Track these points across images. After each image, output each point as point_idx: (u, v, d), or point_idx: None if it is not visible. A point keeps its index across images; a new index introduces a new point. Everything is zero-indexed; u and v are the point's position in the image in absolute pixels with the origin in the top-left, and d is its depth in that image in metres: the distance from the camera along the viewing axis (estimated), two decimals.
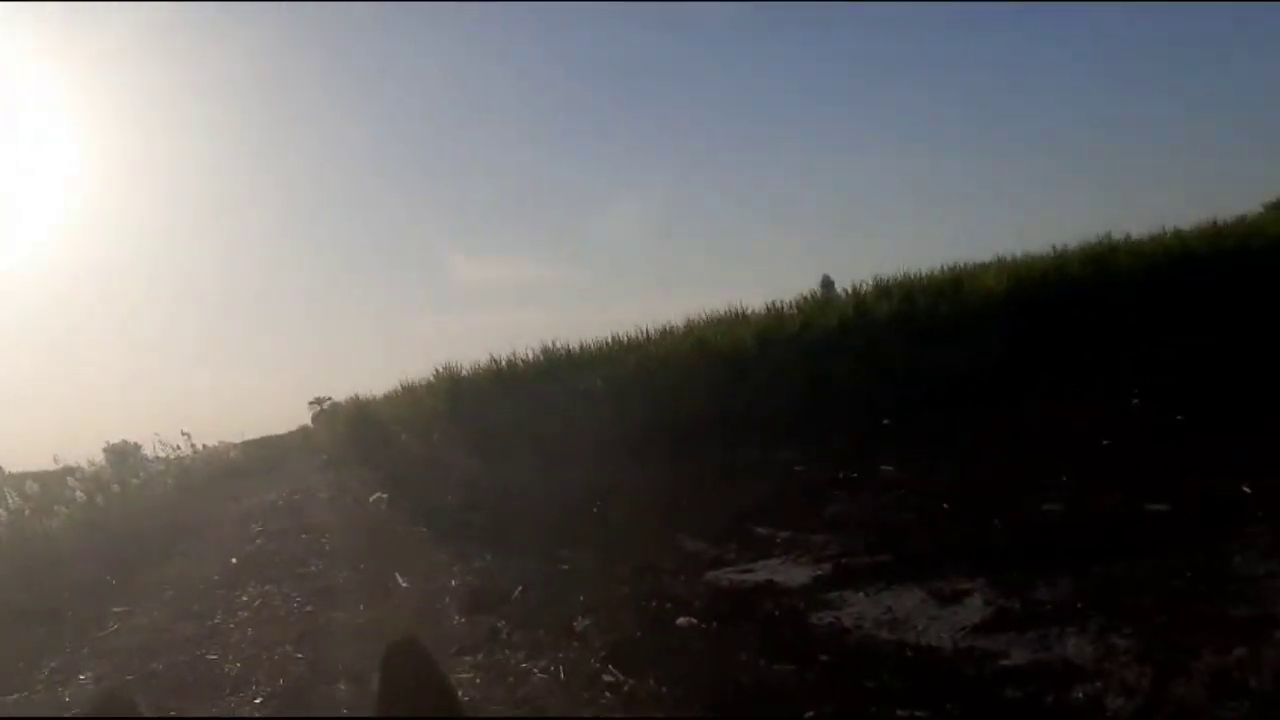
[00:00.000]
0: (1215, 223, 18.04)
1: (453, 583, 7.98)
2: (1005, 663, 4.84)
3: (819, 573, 7.04)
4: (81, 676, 6.83)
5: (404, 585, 8.12)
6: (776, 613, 6.23)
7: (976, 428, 11.90)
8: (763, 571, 7.35)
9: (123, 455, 24.44)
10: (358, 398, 26.33)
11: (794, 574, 7.13)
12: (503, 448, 16.79)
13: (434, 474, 16.02)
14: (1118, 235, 18.00)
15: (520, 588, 7.48)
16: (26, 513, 13.82)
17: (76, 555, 12.01)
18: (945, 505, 8.15)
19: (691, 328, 18.20)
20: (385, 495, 14.21)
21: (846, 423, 13.99)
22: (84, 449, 23.03)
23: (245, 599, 8.66)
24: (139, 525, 14.45)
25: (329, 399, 31.25)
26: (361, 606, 7.62)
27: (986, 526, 7.27)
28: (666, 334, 18.40)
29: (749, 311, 18.68)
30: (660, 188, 64.03)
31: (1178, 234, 17.81)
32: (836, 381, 16.25)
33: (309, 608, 7.94)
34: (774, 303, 18.72)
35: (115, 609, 8.87)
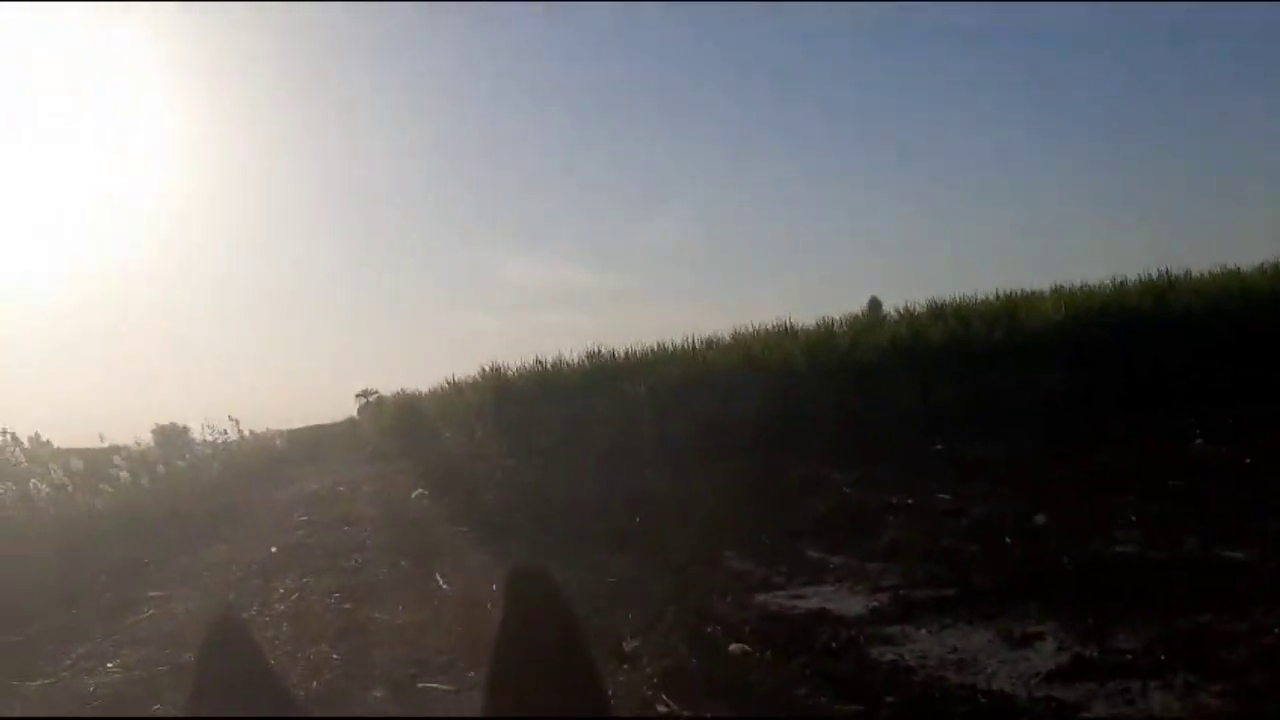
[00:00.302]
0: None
1: (494, 587, 7.65)
2: (1085, 716, 4.44)
3: (876, 603, 6.64)
4: (109, 664, 6.55)
5: (444, 587, 7.80)
6: (834, 645, 5.82)
7: (1035, 460, 11.46)
8: (815, 598, 6.97)
9: (171, 437, 24.42)
10: (404, 392, 26.20)
11: (850, 603, 6.74)
12: (544, 450, 16.52)
13: (476, 472, 15.79)
14: (1177, 271, 17.35)
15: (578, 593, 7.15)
16: (70, 489, 13.64)
17: (117, 536, 11.83)
18: (1008, 539, 7.73)
19: (739, 340, 17.85)
20: (426, 492, 13.94)
21: (897, 445, 13.59)
22: (132, 429, 22.97)
23: (283, 591, 8.38)
24: (182, 508, 14.29)
25: (375, 392, 31.11)
26: (401, 607, 7.30)
27: (1055, 565, 6.85)
28: (713, 345, 18.06)
29: (798, 327, 18.26)
30: (709, 196, 63.54)
31: (1237, 272, 17.17)
32: (886, 402, 15.86)
33: (347, 605, 7.62)
34: (824, 319, 18.30)
35: (151, 594, 8.62)
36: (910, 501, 9.62)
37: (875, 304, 20.97)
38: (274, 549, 10.57)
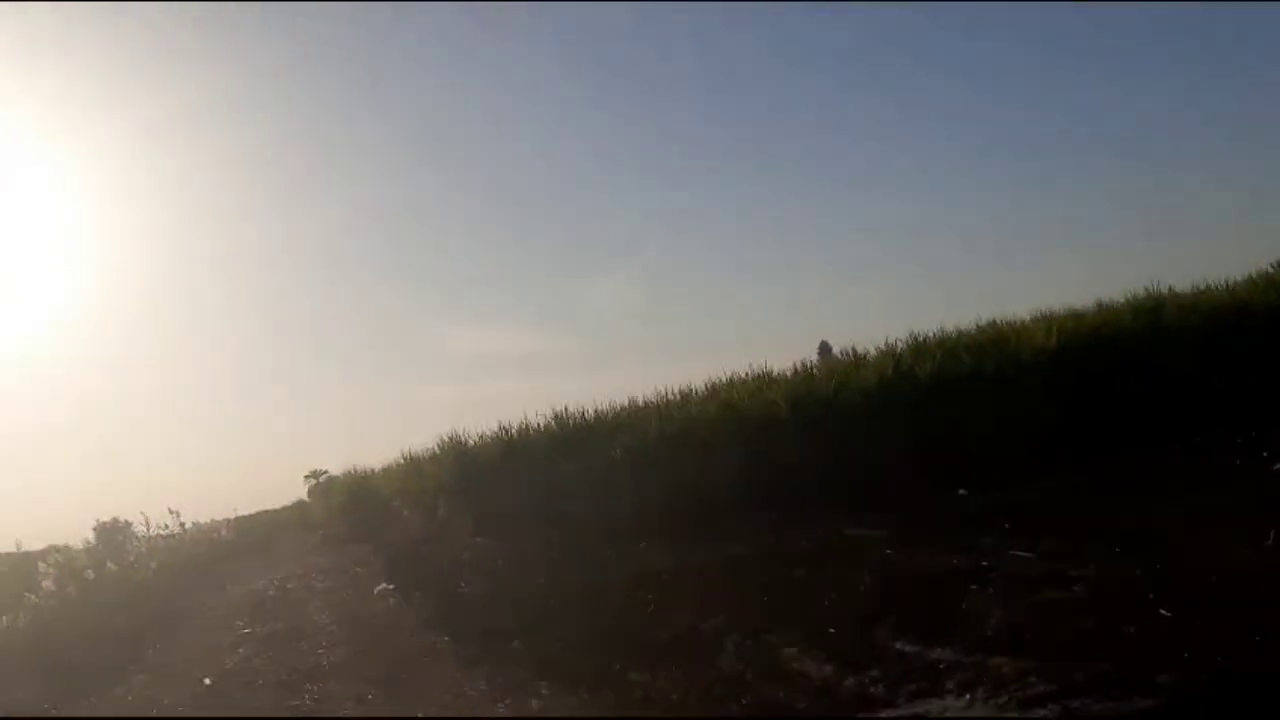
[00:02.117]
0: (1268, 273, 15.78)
1: None
2: None
3: None
4: None
5: None
6: None
7: (1083, 499, 9.44)
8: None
9: (113, 534, 21.67)
10: (355, 470, 23.51)
11: None
12: (517, 526, 14.15)
13: (443, 557, 13.29)
14: (1162, 288, 15.69)
15: None
16: None
17: (20, 669, 9.21)
18: (1164, 611, 5.61)
19: (715, 389, 15.68)
20: (392, 586, 11.42)
21: (909, 494, 11.46)
22: (68, 527, 20.37)
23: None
24: (104, 624, 11.59)
25: (325, 472, 28.34)
26: None
27: (1241, 643, 4.77)
28: (687, 397, 15.85)
29: (775, 373, 16.17)
30: (649, 255, 61.36)
31: (1228, 287, 15.55)
32: (880, 447, 13.74)
33: None
34: (803, 363, 16.26)
35: None
36: (984, 564, 7.46)
37: (825, 348, 19.15)
38: (208, 680, 8.08)
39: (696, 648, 6.72)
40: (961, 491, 11.05)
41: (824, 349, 19.33)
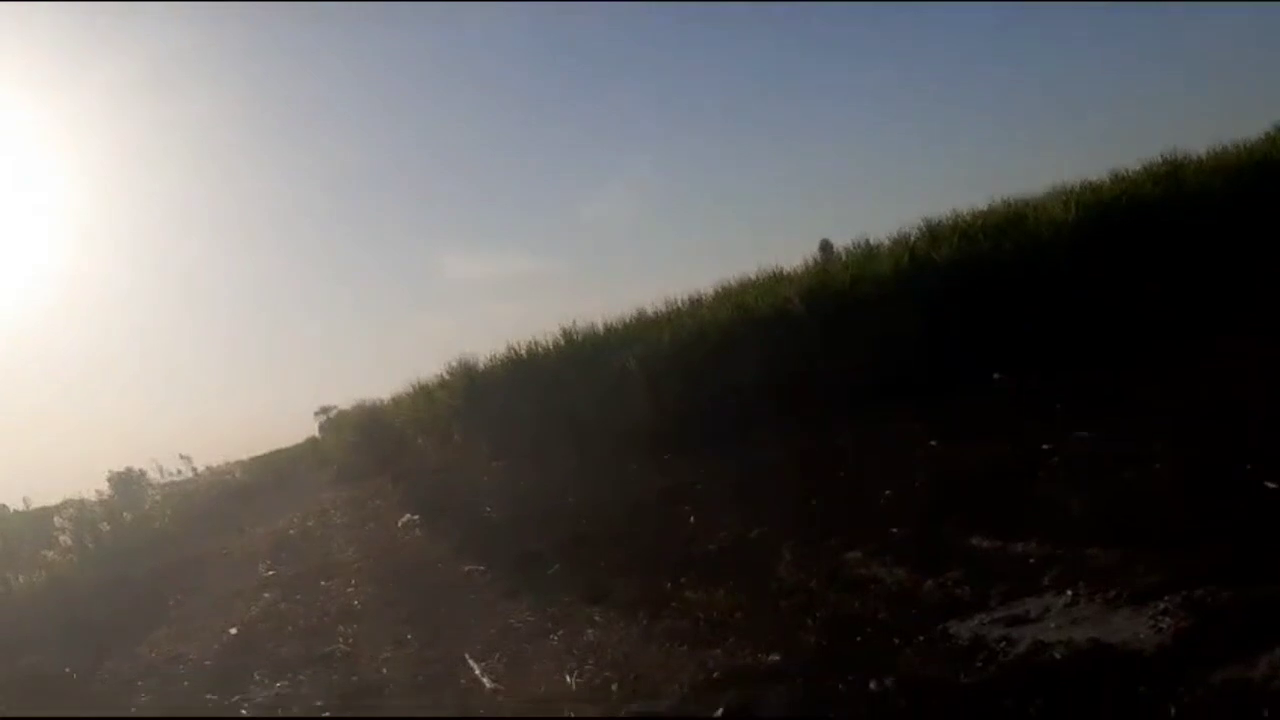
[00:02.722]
0: None
1: (569, 676, 4.71)
2: None
3: (1167, 624, 3.94)
4: None
5: (488, 685, 4.86)
6: None
7: (1140, 383, 8.78)
8: (1055, 622, 4.22)
9: (128, 484, 21.16)
10: (365, 403, 22.90)
11: (1123, 627, 4.03)
12: (534, 447, 13.59)
13: (463, 483, 12.75)
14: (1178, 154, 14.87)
15: (678, 685, 4.28)
16: None
17: (39, 629, 8.69)
18: (1255, 479, 5.06)
19: (727, 292, 14.99)
20: (416, 516, 10.86)
21: (938, 383, 10.83)
22: (83, 481, 19.88)
23: (246, 712, 5.41)
24: (124, 576, 11.07)
25: (334, 407, 27.72)
26: None
27: None
28: (698, 304, 15.16)
29: (787, 270, 15.47)
30: (647, 166, 59.60)
31: (1245, 147, 14.78)
32: (902, 336, 13.11)
33: None
34: (811, 259, 15.55)
35: None
36: (1044, 449, 6.87)
37: (826, 246, 18.39)
38: (233, 630, 7.54)
39: (749, 559, 6.17)
40: (996, 376, 10.46)
41: (825, 247, 18.60)
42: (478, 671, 4.95)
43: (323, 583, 8.66)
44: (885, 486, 7.05)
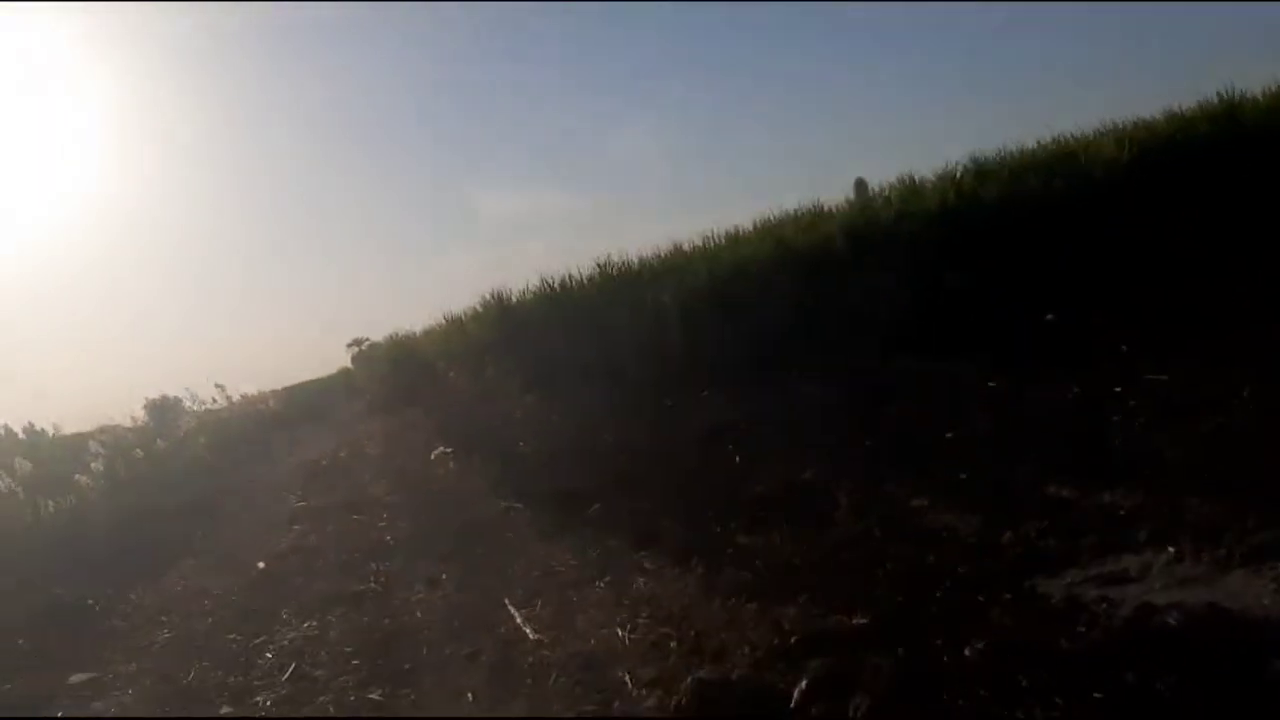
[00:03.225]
0: None
1: (621, 630, 4.26)
2: None
3: None
4: None
5: (531, 635, 4.42)
6: None
7: (1193, 325, 8.19)
8: (1161, 582, 3.75)
9: (163, 410, 20.91)
10: (397, 335, 22.49)
11: (1239, 587, 3.57)
12: (568, 381, 13.12)
13: (496, 417, 12.33)
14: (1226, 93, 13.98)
15: (748, 647, 3.81)
16: (21, 495, 10.25)
17: (65, 558, 8.37)
18: None
19: (765, 228, 14.40)
20: (449, 450, 10.44)
21: (988, 321, 10.26)
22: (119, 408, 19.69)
23: (270, 656, 5.01)
24: (155, 504, 10.75)
25: (367, 339, 27.33)
26: (471, 697, 3.94)
27: None
28: (735, 239, 14.59)
29: (826, 208, 14.87)
30: (677, 100, 57.90)
31: None
32: (950, 275, 12.52)
33: (374, 691, 4.24)
34: (849, 196, 14.91)
35: (74, 678, 5.19)
36: (1116, 390, 6.34)
37: (861, 185, 17.65)
38: (261, 564, 7.16)
39: (803, 504, 5.70)
40: (1049, 318, 9.88)
41: (860, 186, 17.90)
42: (519, 620, 4.52)
43: (354, 516, 8.27)
44: (944, 429, 6.55)
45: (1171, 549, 3.94)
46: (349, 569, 6.45)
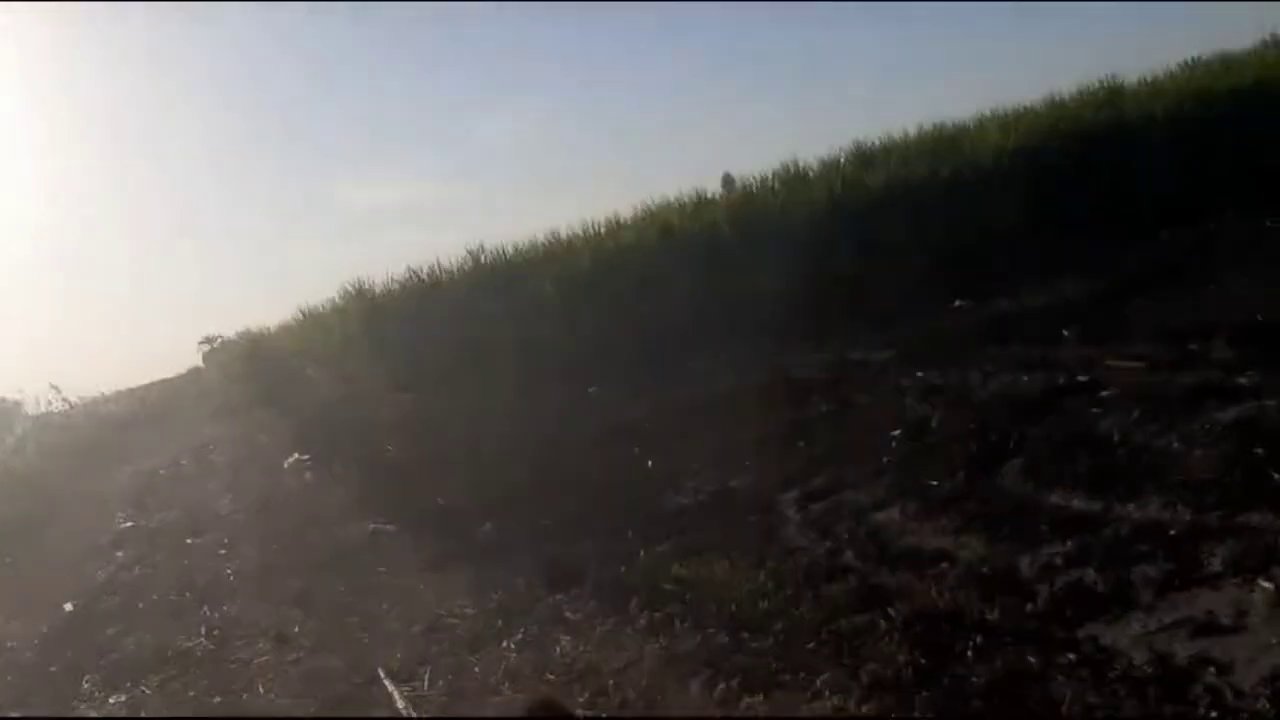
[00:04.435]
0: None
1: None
2: None
3: None
4: None
5: (398, 703, 3.09)
6: None
7: (1118, 297, 7.50)
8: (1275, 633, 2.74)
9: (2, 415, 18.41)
10: (250, 331, 20.39)
11: None
12: (439, 377, 11.71)
13: (359, 418, 10.82)
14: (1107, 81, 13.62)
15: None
16: None
17: None
18: None
19: (648, 216, 13.25)
20: (306, 457, 8.84)
21: (891, 311, 9.39)
22: None
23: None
24: None
25: (220, 337, 24.95)
26: None
27: None
28: (617, 226, 13.38)
29: (711, 194, 13.86)
30: (544, 92, 55.70)
31: (1186, 68, 13.76)
32: (839, 262, 11.64)
33: None
34: (744, 179, 13.97)
35: None
36: (1080, 380, 5.43)
37: (729, 180, 16.87)
38: (69, 605, 5.57)
39: (742, 519, 4.57)
40: (958, 304, 9.04)
41: (727, 181, 17.05)
42: (400, 703, 3.20)
43: (189, 541, 6.66)
44: (887, 424, 5.51)
45: (1266, 583, 2.92)
46: (177, 614, 4.94)
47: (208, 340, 26.86)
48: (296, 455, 8.87)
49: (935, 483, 4.41)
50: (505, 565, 4.39)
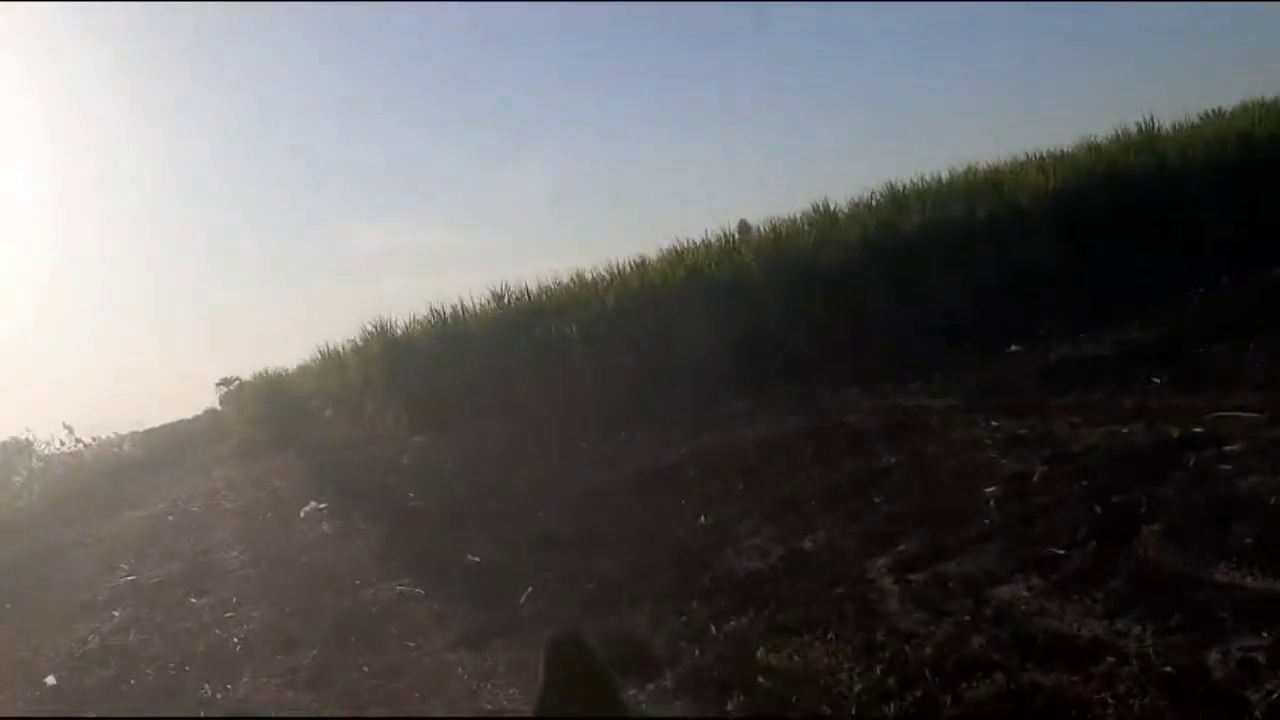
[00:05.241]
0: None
1: None
2: None
3: None
4: None
5: None
6: None
7: (1192, 342, 6.77)
8: None
9: (13, 453, 17.70)
10: (267, 372, 19.75)
11: None
12: (461, 421, 11.00)
13: (379, 462, 10.10)
14: (1145, 125, 13.05)
15: None
16: None
17: None
18: None
19: (675, 257, 12.62)
20: (323, 505, 8.06)
21: (936, 355, 8.65)
22: None
23: None
24: None
25: (237, 378, 24.32)
26: None
27: None
28: (641, 269, 12.74)
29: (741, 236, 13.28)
30: (563, 140, 55.06)
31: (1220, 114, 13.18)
32: (876, 305, 10.98)
33: None
34: (772, 221, 13.35)
35: None
36: (1196, 431, 4.68)
37: (744, 227, 16.32)
38: (51, 678, 4.80)
39: (831, 590, 3.81)
40: (1014, 348, 8.30)
41: (743, 228, 16.49)
42: None
43: (193, 600, 5.87)
44: (975, 481, 4.77)
45: None
46: (171, 693, 4.16)
47: (225, 381, 26.27)
48: (314, 503, 8.10)
49: (1060, 552, 3.67)
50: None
